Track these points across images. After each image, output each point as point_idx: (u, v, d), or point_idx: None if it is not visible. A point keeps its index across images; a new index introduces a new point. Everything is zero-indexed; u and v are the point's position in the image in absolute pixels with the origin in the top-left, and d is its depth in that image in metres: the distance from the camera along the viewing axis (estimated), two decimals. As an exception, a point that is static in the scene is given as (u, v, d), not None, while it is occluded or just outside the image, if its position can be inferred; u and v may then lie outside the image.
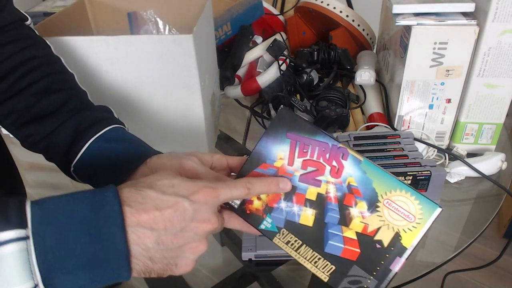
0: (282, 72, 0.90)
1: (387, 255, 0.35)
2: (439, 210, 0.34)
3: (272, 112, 0.87)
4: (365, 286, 0.35)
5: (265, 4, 1.03)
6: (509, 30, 0.65)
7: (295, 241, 0.38)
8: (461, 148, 0.78)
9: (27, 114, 0.48)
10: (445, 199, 0.69)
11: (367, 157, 0.63)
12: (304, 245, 0.38)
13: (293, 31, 1.07)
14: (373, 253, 0.36)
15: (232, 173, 0.45)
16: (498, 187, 0.70)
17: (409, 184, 0.36)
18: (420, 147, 0.73)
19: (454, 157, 0.75)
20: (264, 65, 0.95)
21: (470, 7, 0.68)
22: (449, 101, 0.74)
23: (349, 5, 1.32)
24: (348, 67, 0.94)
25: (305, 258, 0.38)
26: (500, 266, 1.57)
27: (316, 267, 0.37)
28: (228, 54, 0.95)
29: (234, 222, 0.43)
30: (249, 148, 0.83)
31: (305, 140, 0.39)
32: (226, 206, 0.42)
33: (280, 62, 0.91)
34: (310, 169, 0.39)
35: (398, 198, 0.35)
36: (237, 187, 0.38)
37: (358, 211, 0.37)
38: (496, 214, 0.67)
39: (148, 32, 0.84)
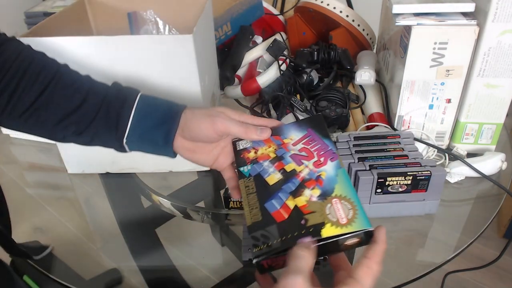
0: (282, 72, 0.90)
1: (303, 231, 0.40)
2: (369, 228, 0.39)
3: (272, 112, 0.87)
4: (270, 243, 0.40)
5: (265, 4, 1.03)
6: (509, 30, 0.65)
7: (252, 188, 0.47)
8: (461, 148, 0.78)
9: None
10: (445, 199, 0.69)
11: (367, 157, 0.64)
12: (255, 194, 0.46)
13: (293, 31, 1.07)
14: (295, 224, 0.41)
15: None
16: (498, 187, 0.70)
17: (359, 202, 0.42)
18: (420, 147, 0.73)
19: (454, 157, 0.75)
20: (264, 65, 0.95)
21: (470, 7, 0.68)
22: (449, 101, 0.74)
23: (349, 5, 1.32)
24: (348, 67, 0.94)
25: (248, 202, 0.46)
26: (500, 266, 1.57)
27: (250, 212, 0.44)
28: (228, 54, 0.95)
29: (228, 157, 0.54)
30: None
31: (316, 137, 0.51)
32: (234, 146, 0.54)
33: (280, 62, 0.91)
34: (303, 153, 0.50)
35: (345, 203, 0.42)
36: None
37: (310, 193, 0.44)
38: (496, 214, 0.67)
39: (148, 32, 0.84)
